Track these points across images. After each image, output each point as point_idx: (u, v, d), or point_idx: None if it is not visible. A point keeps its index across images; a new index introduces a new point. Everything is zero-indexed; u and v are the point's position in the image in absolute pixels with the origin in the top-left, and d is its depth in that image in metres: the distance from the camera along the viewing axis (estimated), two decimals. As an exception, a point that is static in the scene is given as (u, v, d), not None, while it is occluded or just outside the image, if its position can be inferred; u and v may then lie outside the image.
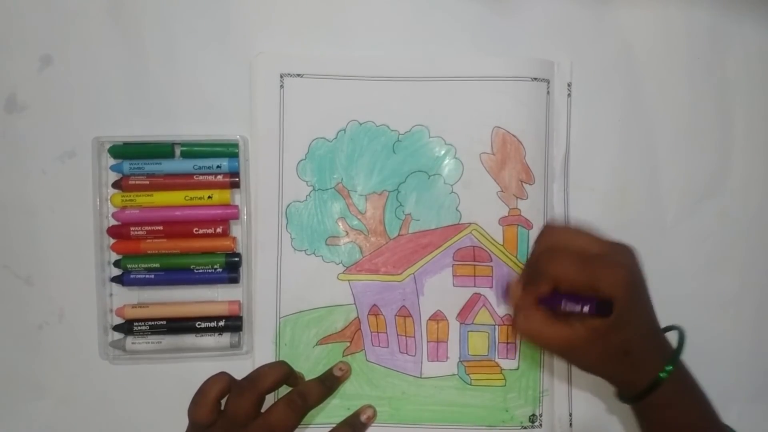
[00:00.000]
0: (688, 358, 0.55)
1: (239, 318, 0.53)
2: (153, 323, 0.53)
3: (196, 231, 0.53)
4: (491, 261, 0.54)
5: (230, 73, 0.54)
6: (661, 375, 0.44)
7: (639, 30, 0.55)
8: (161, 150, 0.53)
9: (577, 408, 0.55)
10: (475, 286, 0.54)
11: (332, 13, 0.54)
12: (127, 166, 0.53)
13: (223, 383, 0.47)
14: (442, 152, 0.54)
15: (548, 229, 0.46)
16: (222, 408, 0.47)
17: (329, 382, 0.52)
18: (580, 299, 0.43)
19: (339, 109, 0.54)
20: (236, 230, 0.54)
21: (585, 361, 0.45)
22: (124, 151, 0.53)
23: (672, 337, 0.47)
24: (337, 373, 0.53)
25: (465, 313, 0.54)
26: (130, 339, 0.53)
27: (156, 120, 0.54)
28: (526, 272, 0.47)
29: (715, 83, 0.56)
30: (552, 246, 0.45)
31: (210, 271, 0.53)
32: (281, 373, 0.49)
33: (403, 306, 0.54)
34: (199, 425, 0.46)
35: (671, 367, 0.44)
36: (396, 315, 0.54)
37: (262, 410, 0.47)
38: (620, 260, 0.43)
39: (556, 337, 0.43)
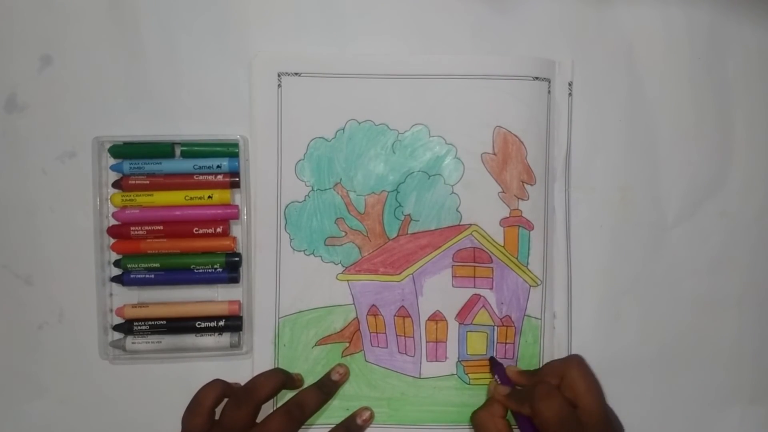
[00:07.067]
0: (689, 358, 0.55)
1: (239, 318, 0.53)
2: (153, 323, 0.53)
3: (196, 231, 0.53)
4: (492, 262, 0.54)
5: (230, 72, 0.54)
6: None
7: (640, 30, 0.55)
8: (161, 150, 0.53)
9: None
10: (474, 287, 0.54)
11: (330, 11, 0.54)
12: (127, 165, 0.53)
13: (218, 391, 0.47)
14: (443, 152, 0.54)
15: (575, 362, 0.48)
16: (217, 417, 0.47)
17: (327, 388, 0.51)
18: None
19: (337, 108, 0.54)
20: (236, 230, 0.54)
21: None
22: (124, 150, 0.53)
23: None
24: (334, 377, 0.52)
25: (464, 313, 0.54)
26: (130, 339, 0.53)
27: (156, 120, 0.54)
28: (529, 378, 0.50)
29: (715, 83, 0.56)
30: (563, 383, 0.47)
31: (210, 270, 0.53)
32: (277, 382, 0.49)
33: (402, 306, 0.54)
34: None
35: None
36: (395, 315, 0.54)
37: (259, 420, 0.47)
38: None
39: None
